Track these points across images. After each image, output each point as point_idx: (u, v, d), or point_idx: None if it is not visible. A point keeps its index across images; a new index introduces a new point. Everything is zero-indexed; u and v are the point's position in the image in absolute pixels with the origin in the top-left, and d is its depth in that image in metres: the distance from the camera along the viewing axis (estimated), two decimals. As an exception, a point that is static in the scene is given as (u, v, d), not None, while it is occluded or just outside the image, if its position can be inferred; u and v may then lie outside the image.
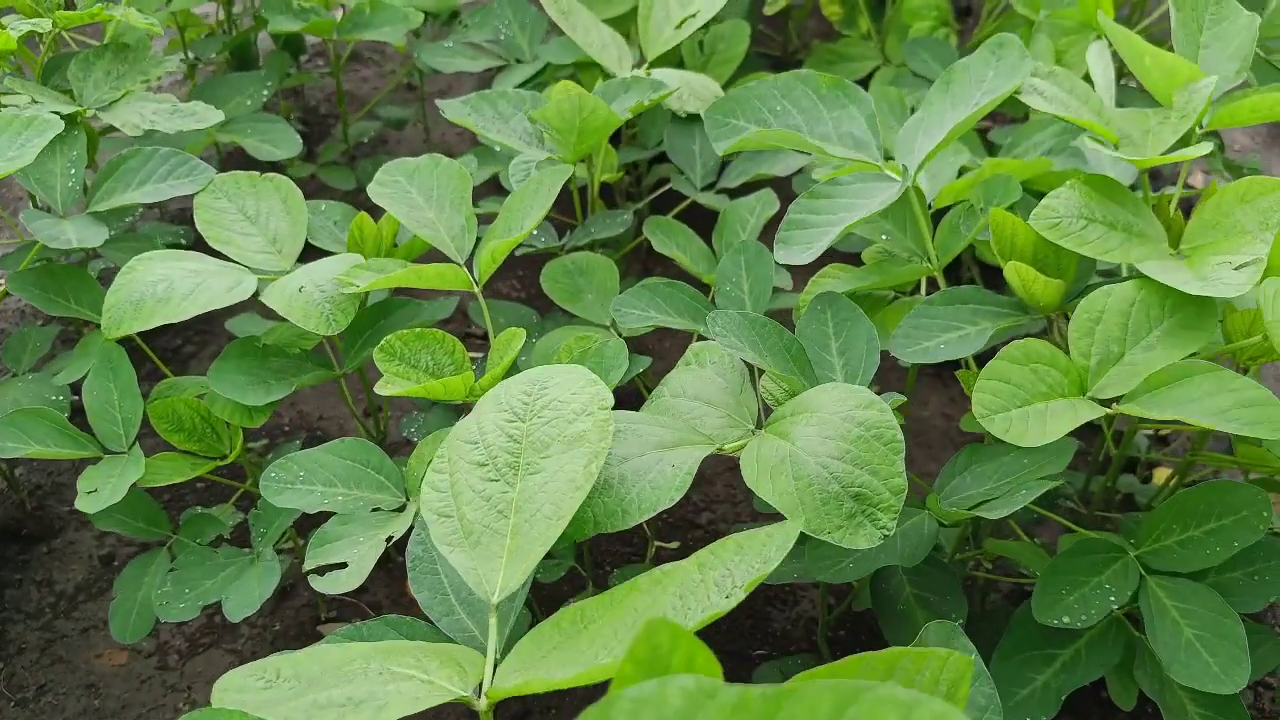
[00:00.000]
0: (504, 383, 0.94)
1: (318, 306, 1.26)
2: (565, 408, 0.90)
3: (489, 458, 0.89)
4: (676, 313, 1.29)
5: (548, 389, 0.92)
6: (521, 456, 0.88)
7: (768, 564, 0.79)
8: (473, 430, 0.91)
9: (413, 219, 1.35)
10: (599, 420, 0.88)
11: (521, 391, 0.92)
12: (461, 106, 1.48)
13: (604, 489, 0.92)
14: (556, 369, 0.94)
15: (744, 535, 0.83)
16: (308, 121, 2.56)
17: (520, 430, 0.90)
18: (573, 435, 0.88)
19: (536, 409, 0.91)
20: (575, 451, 0.86)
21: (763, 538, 0.81)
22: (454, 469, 0.88)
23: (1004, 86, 1.21)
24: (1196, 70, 1.23)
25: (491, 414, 0.91)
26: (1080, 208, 1.11)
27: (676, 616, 0.78)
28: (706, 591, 0.79)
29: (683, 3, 1.62)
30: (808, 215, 1.15)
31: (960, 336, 1.11)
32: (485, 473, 0.88)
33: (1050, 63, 1.73)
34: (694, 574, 0.80)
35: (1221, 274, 1.02)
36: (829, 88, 1.24)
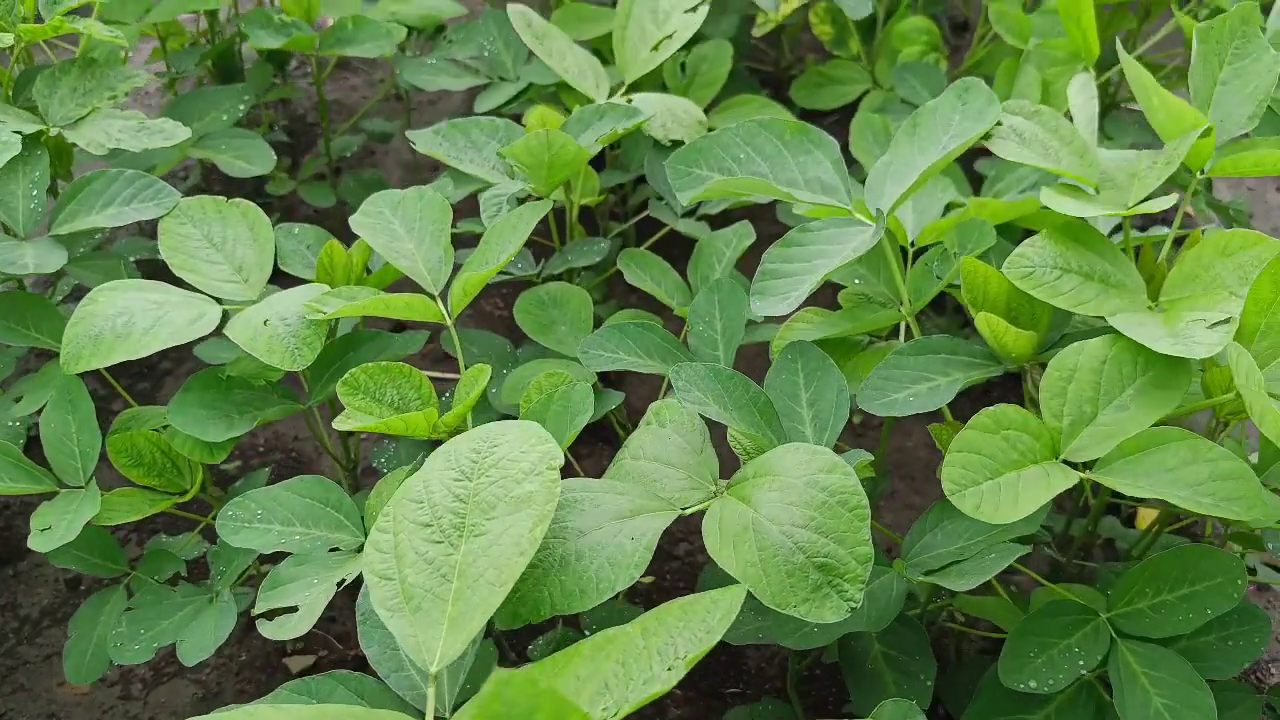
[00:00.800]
0: (455, 439, 0.92)
1: (283, 341, 1.23)
2: (513, 467, 0.87)
3: (434, 518, 0.86)
4: (646, 354, 1.27)
5: (497, 446, 0.89)
6: (467, 517, 0.86)
7: (711, 635, 0.76)
8: (419, 489, 0.88)
9: (392, 250, 1.32)
10: (547, 481, 0.85)
11: (470, 449, 0.90)
12: (433, 136, 1.46)
13: (561, 566, 0.90)
14: (508, 425, 0.91)
15: (689, 600, 0.81)
16: (293, 131, 2.54)
17: (467, 490, 0.87)
18: (520, 496, 0.85)
19: (484, 467, 0.88)
20: (521, 514, 0.84)
21: (707, 604, 0.79)
22: (398, 528, 0.86)
23: (971, 130, 1.18)
24: (1201, 118, 1.19)
25: (439, 471, 0.89)
26: (1055, 257, 1.08)
27: (618, 685, 0.76)
28: (649, 660, 0.76)
29: (659, 23, 1.60)
30: (781, 264, 1.13)
31: (930, 388, 1.08)
32: (429, 534, 0.85)
33: (1037, 93, 1.71)
34: (637, 640, 0.78)
35: (1195, 332, 0.99)
36: (793, 133, 1.22)
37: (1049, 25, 1.83)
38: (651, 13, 1.61)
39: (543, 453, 0.87)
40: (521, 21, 1.58)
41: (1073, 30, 1.64)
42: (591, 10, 1.95)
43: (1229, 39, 1.26)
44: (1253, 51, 1.26)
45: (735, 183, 1.19)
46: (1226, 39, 1.27)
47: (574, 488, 0.98)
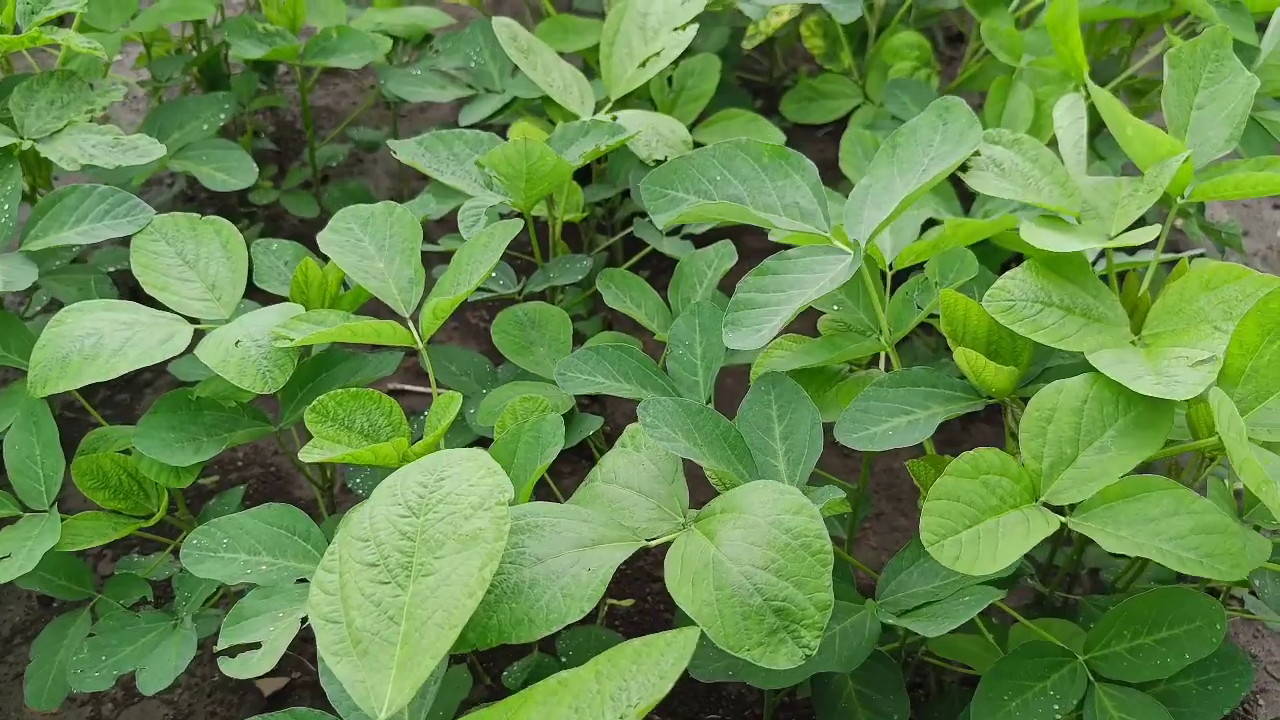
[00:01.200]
0: (401, 471, 0.89)
1: (254, 363, 1.21)
2: (462, 501, 0.85)
3: (380, 557, 0.84)
4: (623, 377, 1.25)
5: (445, 480, 0.87)
6: (415, 556, 0.83)
7: (664, 680, 0.74)
8: (365, 526, 0.86)
9: (361, 269, 1.30)
10: (496, 517, 0.83)
11: (417, 483, 0.87)
12: (415, 147, 1.43)
13: (514, 593, 0.88)
14: (456, 456, 0.89)
15: (642, 642, 0.79)
16: (281, 139, 2.52)
17: (414, 526, 0.85)
18: (469, 533, 0.83)
19: (432, 503, 0.86)
20: (470, 552, 0.81)
21: (660, 647, 0.77)
22: (344, 568, 0.84)
23: (953, 153, 1.16)
24: (1178, 145, 1.17)
25: (385, 507, 0.86)
26: (1036, 290, 1.06)
27: (573, 734, 0.74)
28: (603, 707, 0.74)
29: (647, 40, 1.57)
30: (756, 294, 1.10)
31: (909, 421, 1.06)
32: (376, 574, 0.83)
33: (1030, 111, 1.69)
34: (591, 684, 0.76)
35: (1177, 370, 0.97)
36: (771, 157, 1.20)
37: (1041, 42, 1.81)
38: (640, 30, 1.58)
39: (492, 485, 0.85)
40: (507, 35, 1.55)
41: (1061, 49, 1.62)
42: (578, 23, 1.93)
43: (1202, 63, 1.25)
44: (1227, 74, 1.25)
45: (710, 208, 1.17)
46: (1199, 63, 1.25)
47: (537, 512, 0.96)
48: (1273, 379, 0.95)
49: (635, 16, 1.59)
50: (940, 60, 2.99)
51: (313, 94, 2.77)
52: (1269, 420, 0.95)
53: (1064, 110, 1.55)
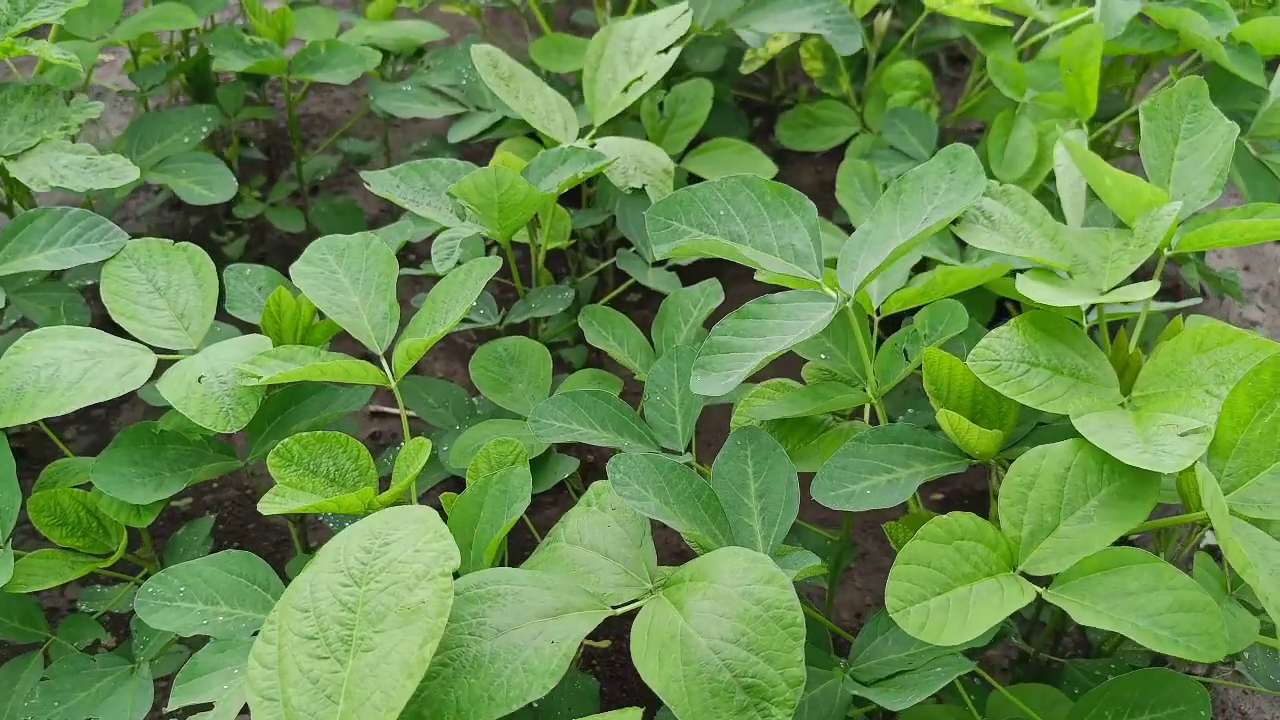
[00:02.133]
0: (347, 533, 0.85)
1: (217, 400, 1.18)
2: (405, 570, 0.81)
3: (319, 629, 0.80)
4: (600, 424, 1.21)
5: (389, 545, 0.83)
6: (355, 629, 0.79)
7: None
8: (305, 594, 0.82)
9: (335, 303, 1.27)
10: (439, 589, 0.79)
11: (361, 547, 0.83)
12: (388, 178, 1.40)
13: (474, 667, 0.84)
14: (403, 517, 0.85)
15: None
16: (271, 148, 2.48)
17: (355, 597, 0.81)
18: (411, 606, 0.79)
19: (375, 570, 0.82)
20: (412, 627, 0.78)
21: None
22: (283, 640, 0.80)
23: (957, 202, 1.12)
24: (1160, 194, 1.14)
25: (326, 574, 0.82)
26: (1022, 350, 1.02)
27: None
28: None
29: (631, 64, 1.54)
30: (733, 337, 1.07)
31: (889, 480, 1.03)
32: (314, 648, 0.79)
33: (1033, 147, 1.66)
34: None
35: (1166, 440, 0.93)
36: (774, 195, 1.16)
37: (1045, 76, 1.77)
38: (624, 54, 1.55)
39: (437, 553, 0.81)
40: (486, 63, 1.52)
41: (1072, 84, 1.59)
42: (573, 41, 1.89)
43: (1179, 113, 1.24)
44: (1206, 124, 1.22)
45: (704, 245, 1.13)
46: (1177, 113, 1.24)
47: (499, 579, 0.92)
48: (1265, 453, 0.92)
49: (619, 41, 1.55)
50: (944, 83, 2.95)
51: (306, 101, 2.73)
52: (1260, 496, 0.91)
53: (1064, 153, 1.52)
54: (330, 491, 1.12)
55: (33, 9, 1.51)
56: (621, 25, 1.57)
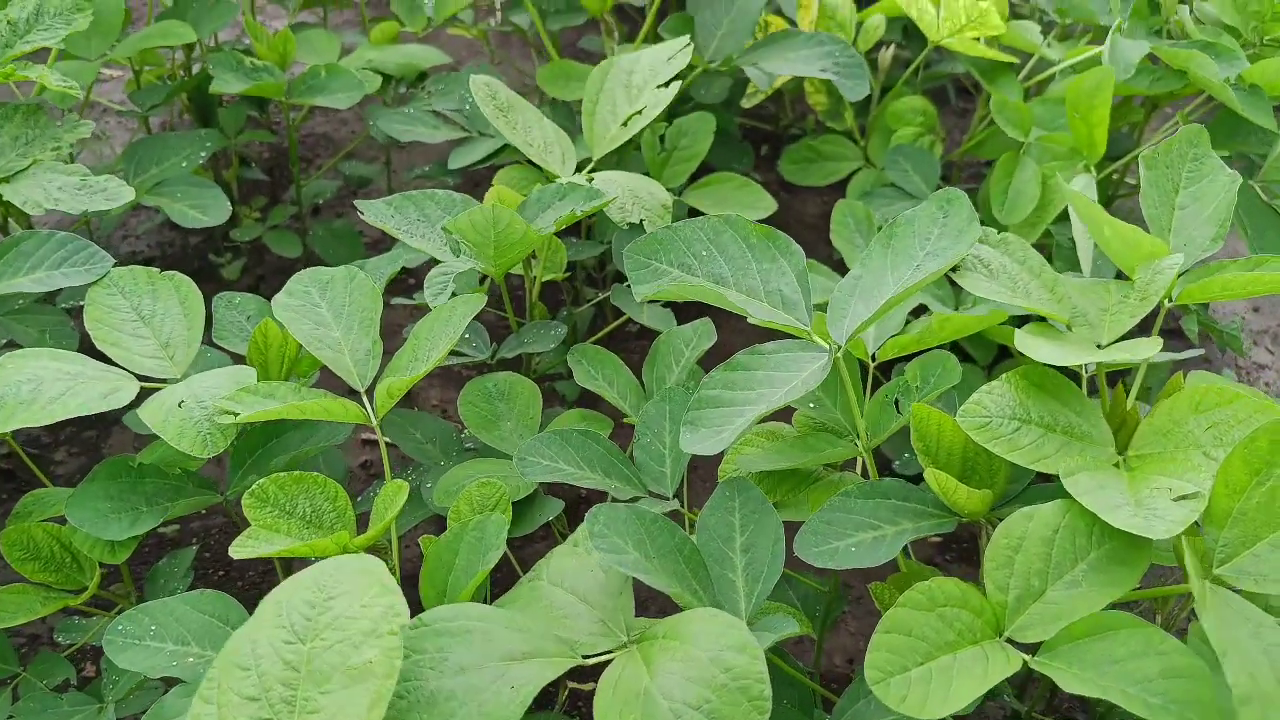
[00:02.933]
0: (289, 583, 0.82)
1: (195, 425, 1.15)
2: (352, 626, 0.78)
3: (262, 690, 0.77)
4: (588, 465, 1.19)
5: (334, 599, 0.80)
6: (299, 689, 0.76)
7: None
8: (246, 652, 0.79)
9: (316, 338, 1.25)
10: (387, 648, 0.76)
11: (305, 601, 0.80)
12: (383, 208, 1.38)
13: (428, 704, 0.81)
14: (349, 568, 0.81)
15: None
16: (274, 168, 2.47)
17: (300, 655, 0.78)
18: (358, 666, 0.76)
19: (319, 627, 0.79)
20: (359, 688, 0.75)
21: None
22: (223, 701, 0.77)
23: (950, 250, 1.10)
24: (1160, 246, 1.12)
25: (269, 629, 0.79)
26: (1014, 407, 1.00)
27: None
28: None
29: (631, 98, 1.52)
30: (723, 391, 1.04)
31: (875, 538, 1.00)
32: (257, 709, 0.76)
33: (1036, 189, 1.63)
34: None
35: (1158, 503, 0.90)
36: (759, 237, 1.14)
37: (1051, 115, 1.75)
38: (625, 87, 1.53)
39: (385, 608, 0.78)
40: (485, 93, 1.50)
41: (1078, 126, 1.56)
42: (580, 69, 1.88)
43: (1180, 162, 1.22)
44: (1208, 172, 1.20)
45: (689, 288, 1.11)
46: (1178, 162, 1.22)
47: (469, 615, 0.89)
48: (1262, 523, 0.89)
49: (620, 74, 1.53)
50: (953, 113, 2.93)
51: (310, 122, 2.73)
52: (1257, 568, 0.88)
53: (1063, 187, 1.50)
54: (307, 533, 1.10)
55: (31, 32, 1.50)
56: (622, 58, 1.55)
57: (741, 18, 1.80)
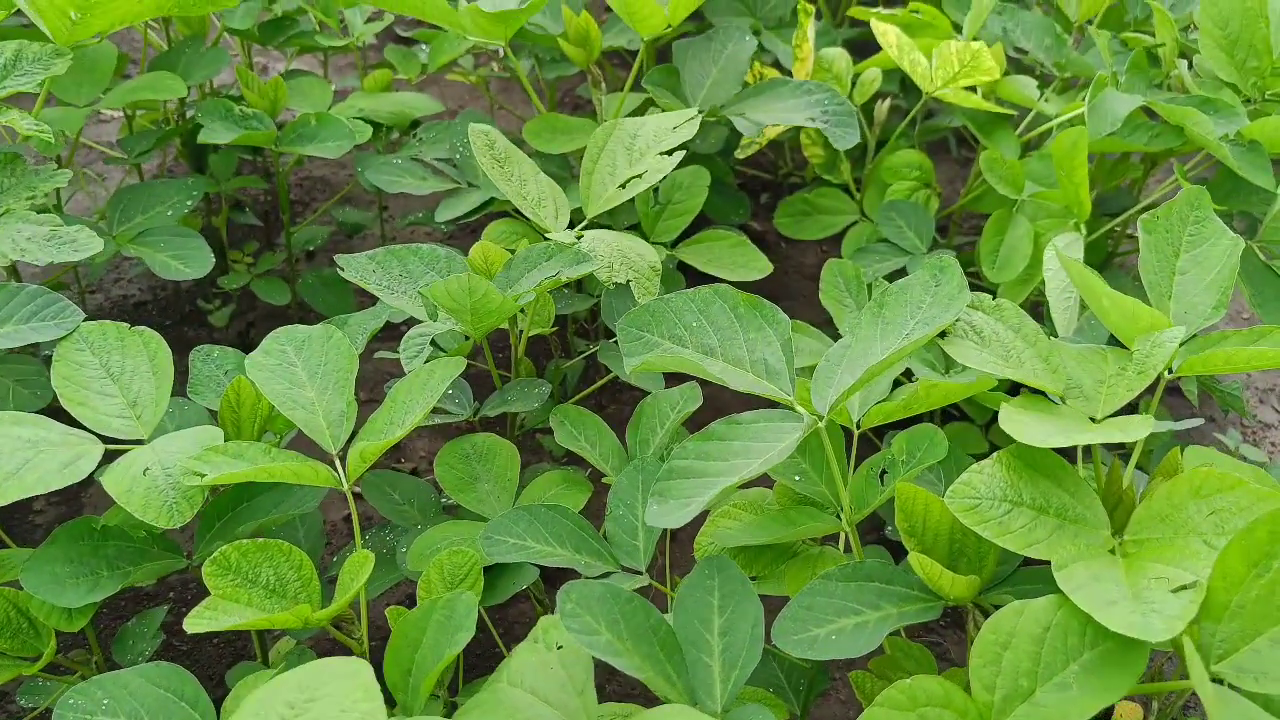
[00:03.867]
0: (270, 685, 0.79)
1: (161, 494, 1.12)
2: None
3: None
4: (557, 542, 1.15)
5: (314, 702, 0.76)
6: (273, 808, 0.73)
7: None
8: None
9: (290, 398, 1.21)
10: None
11: (284, 702, 0.76)
12: (365, 263, 1.35)
13: None
14: (332, 670, 0.78)
15: None
16: (269, 213, 2.45)
17: (274, 760, 0.74)
18: (335, 781, 0.72)
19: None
20: (332, 808, 0.71)
21: None
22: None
23: (940, 318, 1.07)
24: (1159, 318, 1.08)
25: None
26: (1005, 488, 0.96)
27: None
28: None
29: (632, 160, 1.49)
30: (695, 461, 1.00)
31: (857, 624, 0.96)
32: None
33: (1029, 248, 1.60)
34: None
35: (1156, 596, 0.86)
36: (747, 307, 1.11)
37: (1046, 171, 1.72)
38: (627, 149, 1.50)
39: (364, 714, 0.74)
40: (483, 143, 1.47)
41: (1065, 183, 1.53)
42: (569, 122, 1.85)
43: (1181, 225, 1.19)
44: (1209, 236, 1.17)
45: (672, 359, 1.07)
46: (1178, 225, 1.19)
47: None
48: (1261, 617, 0.84)
49: (624, 136, 1.51)
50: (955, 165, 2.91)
51: (307, 165, 2.71)
52: (1257, 666, 0.84)
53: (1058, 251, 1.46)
54: (269, 603, 1.06)
55: (8, 77, 1.48)
56: (627, 121, 1.53)
57: (730, 67, 1.77)
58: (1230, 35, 1.65)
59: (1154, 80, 1.82)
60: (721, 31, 1.85)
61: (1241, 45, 1.65)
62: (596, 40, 1.75)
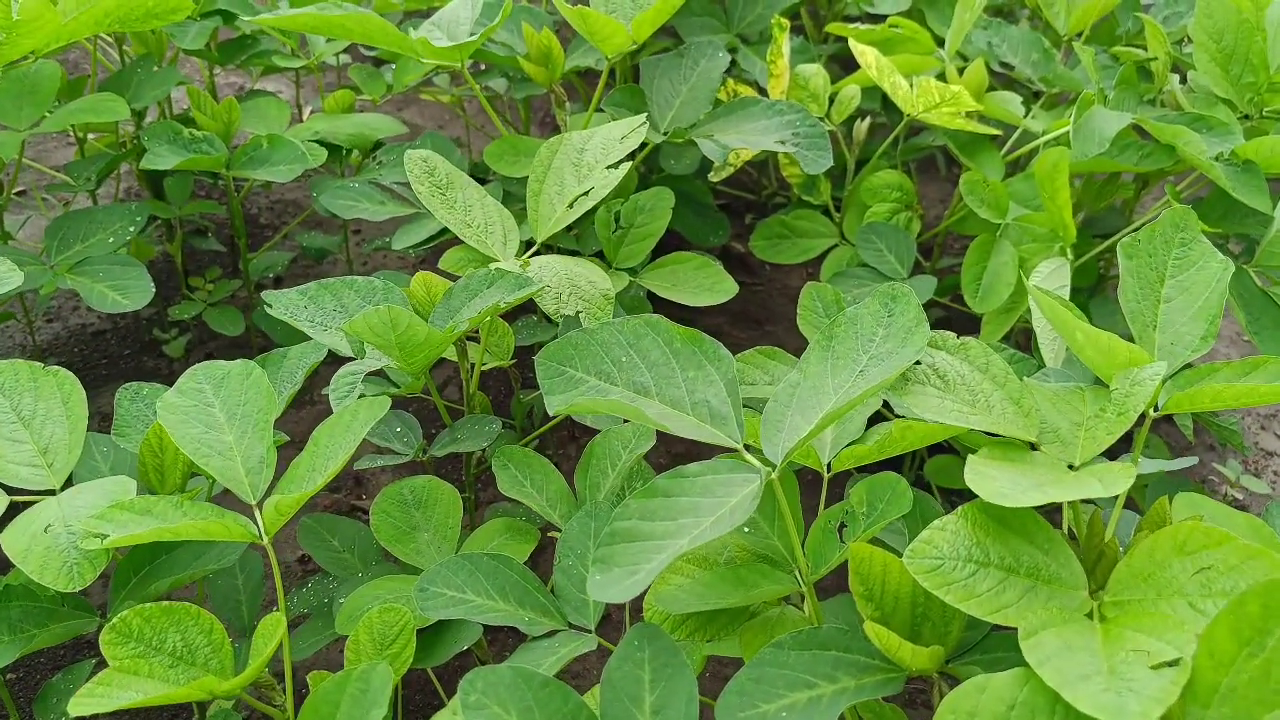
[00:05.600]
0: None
1: (61, 555, 1.03)
2: None
3: None
4: (499, 595, 1.06)
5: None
6: None
7: None
8: None
9: (206, 444, 1.12)
10: None
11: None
12: (296, 298, 1.27)
13: None
14: None
15: None
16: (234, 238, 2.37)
17: None
18: None
19: None
20: None
21: None
22: None
23: (896, 355, 0.98)
24: (1139, 353, 0.99)
25: None
26: (970, 547, 0.86)
27: None
28: None
29: (580, 177, 1.40)
30: (639, 522, 0.91)
31: (810, 699, 0.86)
32: None
33: (1013, 274, 1.51)
34: None
35: (1134, 672, 0.77)
36: (684, 342, 1.02)
37: (1032, 192, 1.63)
38: (574, 165, 1.42)
39: None
40: (420, 170, 1.39)
41: (1049, 205, 1.45)
42: (530, 144, 1.77)
43: (1165, 249, 1.10)
44: (1196, 260, 1.08)
45: (598, 404, 0.98)
46: (1162, 249, 1.10)
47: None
48: (1255, 701, 0.75)
49: (570, 151, 1.42)
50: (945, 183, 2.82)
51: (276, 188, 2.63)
52: (1249, 755, 0.75)
53: (1042, 279, 1.37)
54: (175, 673, 0.97)
55: (-69, 102, 1.40)
56: (574, 135, 1.44)
57: (701, 85, 1.69)
58: (1225, 49, 1.56)
59: (1145, 96, 1.73)
60: (694, 48, 1.77)
61: (1237, 59, 1.56)
62: (559, 60, 1.67)
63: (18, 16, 1.47)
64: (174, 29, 1.88)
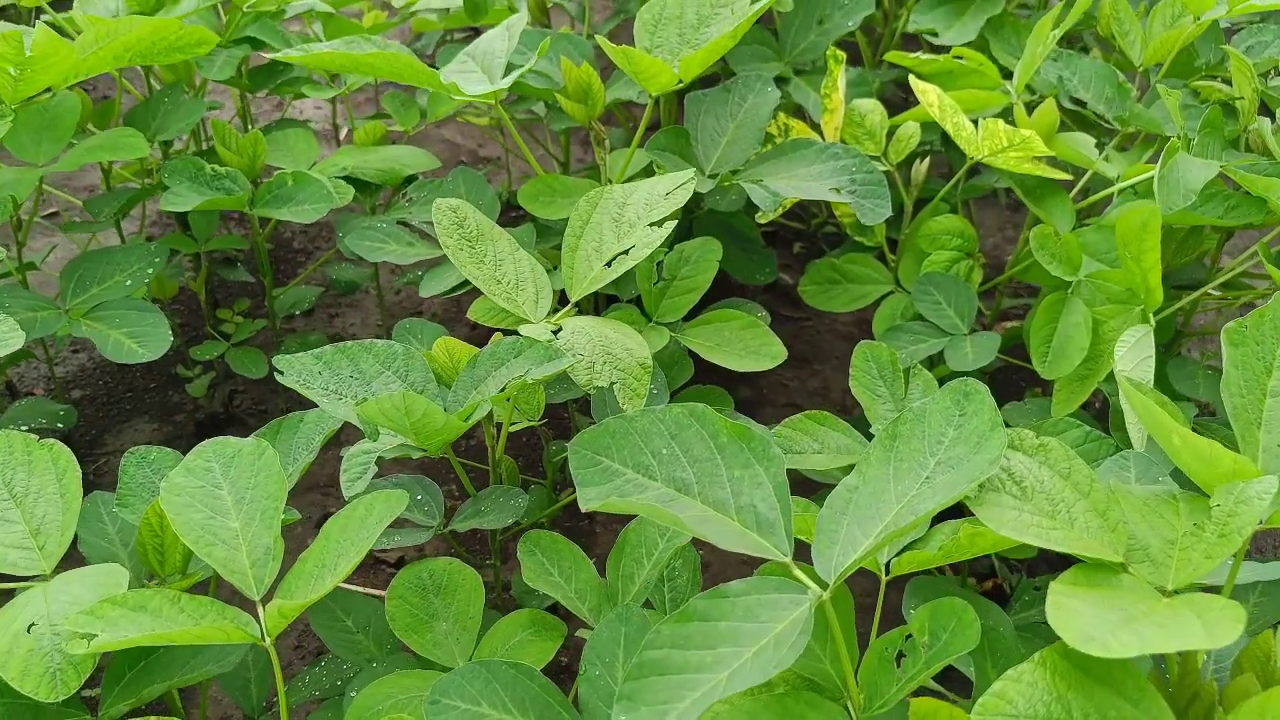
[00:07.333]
0: None
1: (44, 658, 0.95)
2: None
3: None
4: (518, 709, 0.96)
5: None
6: None
7: None
8: None
9: (210, 530, 1.04)
10: None
11: None
12: (310, 363, 1.17)
13: None
14: None
15: None
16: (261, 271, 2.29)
17: None
18: None
19: None
20: None
21: None
22: None
23: (968, 462, 0.87)
24: (1245, 464, 0.87)
25: None
26: (1049, 701, 0.75)
27: None
28: None
29: (620, 234, 1.30)
30: (672, 651, 0.81)
31: None
32: None
33: (1086, 338, 1.39)
34: None
35: None
36: (731, 437, 0.92)
37: (1106, 244, 1.51)
38: (614, 221, 1.31)
39: None
40: (450, 220, 1.30)
41: (1132, 267, 1.32)
42: (568, 183, 1.67)
43: (1274, 337, 0.97)
44: None
45: (634, 506, 0.88)
46: (1270, 337, 0.97)
47: None
48: None
49: (611, 206, 1.32)
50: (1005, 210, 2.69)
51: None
52: None
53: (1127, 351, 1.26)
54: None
55: (-65, 146, 1.33)
56: (616, 189, 1.34)
57: (749, 122, 1.58)
58: (1320, 87, 1.43)
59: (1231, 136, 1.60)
60: (742, 82, 1.66)
61: (1333, 98, 1.43)
62: (599, 96, 1.57)
63: (31, 53, 1.40)
64: (200, 59, 1.80)
